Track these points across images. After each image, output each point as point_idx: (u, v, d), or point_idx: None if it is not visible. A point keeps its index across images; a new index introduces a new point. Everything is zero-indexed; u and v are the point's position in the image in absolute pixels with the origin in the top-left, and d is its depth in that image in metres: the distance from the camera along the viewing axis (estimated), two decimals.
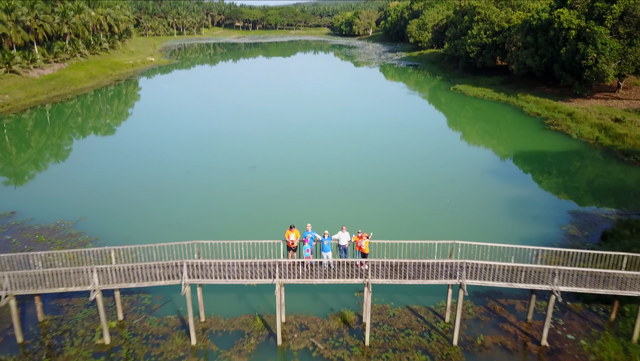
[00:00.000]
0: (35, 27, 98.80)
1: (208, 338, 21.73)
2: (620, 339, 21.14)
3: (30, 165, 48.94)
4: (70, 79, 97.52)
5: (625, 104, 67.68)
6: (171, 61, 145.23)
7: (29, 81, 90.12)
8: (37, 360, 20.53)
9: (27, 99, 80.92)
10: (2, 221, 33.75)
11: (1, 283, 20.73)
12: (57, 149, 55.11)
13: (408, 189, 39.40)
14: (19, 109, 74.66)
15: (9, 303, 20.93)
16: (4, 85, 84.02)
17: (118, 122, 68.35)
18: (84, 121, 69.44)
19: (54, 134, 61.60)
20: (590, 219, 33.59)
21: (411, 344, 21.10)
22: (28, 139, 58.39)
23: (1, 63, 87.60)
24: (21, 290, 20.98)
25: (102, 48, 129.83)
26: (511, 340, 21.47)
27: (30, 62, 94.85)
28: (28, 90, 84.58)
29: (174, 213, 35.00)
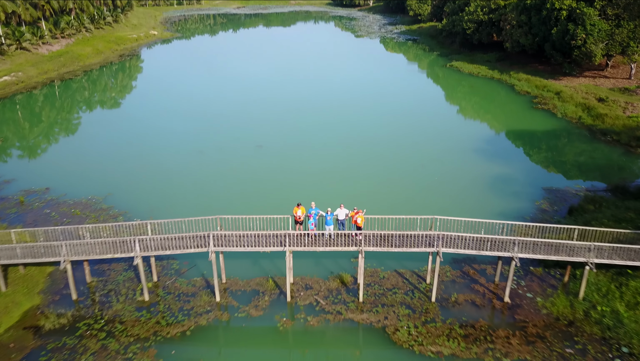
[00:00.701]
0: (42, 4, 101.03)
1: (229, 296, 26.28)
2: (569, 297, 25.66)
3: (58, 143, 52.83)
4: (78, 55, 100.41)
5: (612, 83, 71.06)
6: (174, 35, 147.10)
7: (39, 57, 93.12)
8: (90, 313, 25.11)
9: (39, 76, 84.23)
10: (39, 197, 38.04)
11: (60, 251, 25.12)
12: (79, 127, 58.82)
13: (401, 167, 43.51)
14: (32, 86, 78.13)
15: (66, 267, 25.35)
16: (16, 62, 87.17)
17: (129, 100, 71.81)
18: (94, 96, 72.94)
19: (70, 110, 65.31)
20: (562, 195, 37.86)
21: (397, 300, 25.67)
22: (50, 117, 62.17)
23: (12, 40, 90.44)
24: (75, 257, 25.39)
25: (106, 22, 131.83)
26: (480, 298, 26.03)
27: (39, 38, 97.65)
28: (39, 67, 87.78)
29: (191, 189, 39.22)
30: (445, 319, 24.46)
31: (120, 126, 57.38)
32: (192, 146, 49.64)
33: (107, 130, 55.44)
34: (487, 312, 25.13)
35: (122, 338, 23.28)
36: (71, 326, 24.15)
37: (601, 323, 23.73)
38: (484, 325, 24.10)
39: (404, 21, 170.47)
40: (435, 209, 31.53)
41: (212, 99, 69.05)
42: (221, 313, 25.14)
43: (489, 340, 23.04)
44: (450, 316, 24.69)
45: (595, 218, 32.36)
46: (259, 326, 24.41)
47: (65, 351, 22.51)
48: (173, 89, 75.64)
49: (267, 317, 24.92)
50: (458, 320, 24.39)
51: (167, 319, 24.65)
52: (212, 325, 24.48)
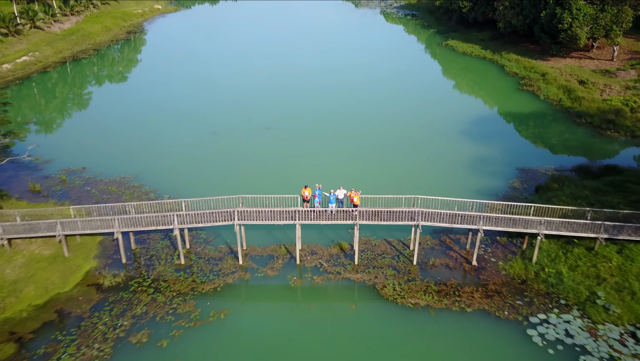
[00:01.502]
0: None
1: (250, 260, 32.38)
2: (524, 261, 31.72)
3: (86, 123, 57.62)
4: (89, 32, 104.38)
5: (595, 64, 75.75)
6: (177, 9, 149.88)
7: (52, 36, 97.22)
8: (138, 274, 31.21)
9: (55, 55, 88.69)
10: (78, 175, 43.78)
11: (113, 224, 31.05)
12: (100, 107, 63.83)
13: (395, 148, 49.00)
14: (49, 66, 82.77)
15: (117, 237, 31.33)
16: (32, 41, 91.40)
17: (143, 80, 76.47)
18: (110, 76, 77.74)
19: (90, 90, 70.31)
20: (532, 175, 43.58)
21: (385, 263, 31.78)
22: (73, 96, 67.33)
23: (26, 19, 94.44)
24: (125, 228, 31.35)
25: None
26: (453, 262, 32.13)
27: (51, 16, 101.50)
28: (54, 46, 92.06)
29: (209, 167, 44.92)
30: (424, 278, 30.59)
31: (139, 106, 62.48)
32: (206, 127, 55.00)
33: (127, 111, 60.61)
34: (457, 273, 31.23)
35: (167, 293, 29.44)
36: (125, 284, 30.30)
37: (547, 281, 29.86)
38: (454, 283, 30.24)
39: None
40: (421, 187, 37.33)
41: (219, 72, 73.79)
42: (243, 273, 31.26)
43: (457, 295, 29.20)
44: (428, 276, 30.81)
45: (556, 195, 38.20)
46: (274, 284, 30.56)
47: (124, 303, 28.69)
48: (182, 66, 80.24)
49: (280, 277, 31.06)
50: (434, 279, 30.52)
51: (200, 278, 30.79)
52: (236, 283, 30.63)
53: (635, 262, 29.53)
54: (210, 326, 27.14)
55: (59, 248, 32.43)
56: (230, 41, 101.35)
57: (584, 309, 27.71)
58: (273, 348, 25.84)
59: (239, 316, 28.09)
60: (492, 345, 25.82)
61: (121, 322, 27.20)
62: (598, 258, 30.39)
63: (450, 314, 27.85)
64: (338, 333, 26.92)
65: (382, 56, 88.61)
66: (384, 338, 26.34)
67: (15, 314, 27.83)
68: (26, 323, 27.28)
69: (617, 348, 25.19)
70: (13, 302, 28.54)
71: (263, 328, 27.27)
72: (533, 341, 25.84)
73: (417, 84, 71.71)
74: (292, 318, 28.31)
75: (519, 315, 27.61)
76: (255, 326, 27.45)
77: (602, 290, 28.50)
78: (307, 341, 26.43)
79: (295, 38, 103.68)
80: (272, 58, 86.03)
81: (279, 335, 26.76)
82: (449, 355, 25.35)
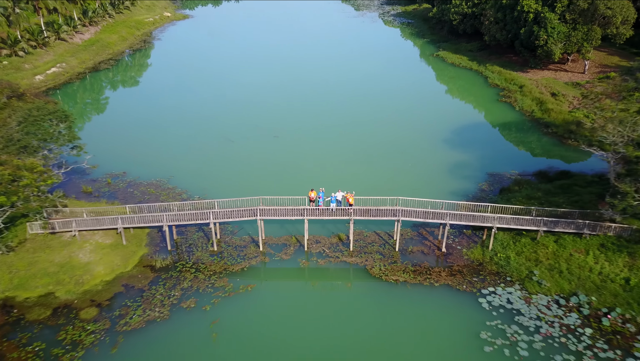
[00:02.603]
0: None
1: (268, 247, 41.22)
2: (483, 248, 40.54)
3: (120, 132, 66.04)
4: (107, 43, 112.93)
5: (569, 76, 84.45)
6: (186, 16, 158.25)
7: (74, 47, 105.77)
8: (181, 258, 40.04)
9: (79, 66, 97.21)
10: (121, 179, 52.51)
11: (162, 219, 39.87)
12: (130, 120, 72.45)
13: (385, 154, 57.58)
14: (75, 77, 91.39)
15: (165, 229, 40.15)
16: (57, 52, 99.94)
17: (163, 88, 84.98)
18: (134, 86, 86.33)
19: (117, 99, 78.93)
20: (499, 178, 52.33)
21: (374, 250, 40.63)
22: (97, 108, 75.97)
23: (52, 32, 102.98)
24: (171, 223, 40.16)
25: (124, 6, 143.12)
26: (426, 249, 40.99)
27: (72, 28, 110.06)
28: (77, 57, 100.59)
29: (229, 171, 53.59)
30: (403, 261, 39.44)
31: (160, 114, 70.94)
32: (223, 134, 63.64)
33: (149, 118, 69.17)
34: (430, 257, 40.07)
35: (205, 272, 38.29)
36: (172, 266, 39.15)
37: (498, 263, 38.72)
38: (427, 265, 39.10)
39: (400, 1, 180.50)
40: (407, 188, 46.09)
41: (229, 82, 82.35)
42: (263, 257, 40.12)
43: (428, 273, 38.05)
44: (407, 259, 39.67)
45: (515, 196, 46.98)
46: (287, 266, 39.41)
47: (173, 279, 37.55)
48: (194, 76, 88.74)
49: (292, 260, 39.93)
50: (411, 262, 39.39)
51: (230, 261, 39.65)
52: (258, 265, 39.49)
53: (566, 249, 38.40)
54: (240, 296, 36.02)
55: (117, 238, 41.26)
56: (237, 49, 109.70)
57: (523, 283, 36.59)
58: (287, 313, 34.69)
59: (261, 289, 36.96)
60: (452, 309, 34.67)
61: (173, 293, 36.07)
62: (538, 246, 39.24)
63: (422, 287, 36.71)
64: (336, 302, 35.78)
65: (380, 61, 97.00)
66: (372, 305, 35.21)
67: (92, 287, 36.70)
68: (101, 293, 36.16)
69: (544, 311, 34.05)
70: (89, 279, 37.41)
71: (279, 299, 36.12)
72: (482, 306, 34.71)
73: (409, 93, 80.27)
74: (301, 291, 37.16)
75: (474, 288, 36.49)
76: (273, 296, 36.30)
77: (538, 270, 37.37)
78: (312, 308, 35.27)
79: (298, 44, 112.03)
80: (275, 67, 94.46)
81: (291, 304, 35.62)
82: (421, 316, 34.19)
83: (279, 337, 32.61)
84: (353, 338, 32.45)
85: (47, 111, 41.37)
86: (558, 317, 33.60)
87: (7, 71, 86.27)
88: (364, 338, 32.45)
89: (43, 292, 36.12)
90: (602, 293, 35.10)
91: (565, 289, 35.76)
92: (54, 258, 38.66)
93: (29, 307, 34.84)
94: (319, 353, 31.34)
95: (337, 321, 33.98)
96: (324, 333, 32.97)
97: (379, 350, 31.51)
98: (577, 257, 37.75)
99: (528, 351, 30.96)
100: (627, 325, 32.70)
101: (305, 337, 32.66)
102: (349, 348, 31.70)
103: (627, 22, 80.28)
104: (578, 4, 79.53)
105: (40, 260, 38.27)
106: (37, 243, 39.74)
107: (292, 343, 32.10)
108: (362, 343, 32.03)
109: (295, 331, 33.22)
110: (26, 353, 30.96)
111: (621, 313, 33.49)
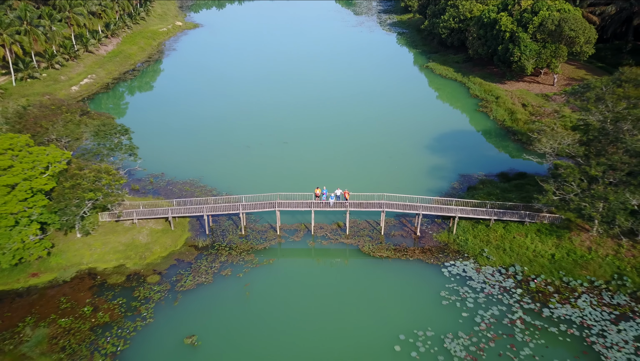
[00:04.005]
0: (99, 12, 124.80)
1: (283, 232, 53.45)
2: (449, 233, 52.71)
3: (156, 137, 78.24)
4: (128, 54, 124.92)
5: (540, 88, 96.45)
6: (196, 25, 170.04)
7: (100, 58, 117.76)
8: (217, 240, 52.20)
9: (107, 77, 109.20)
10: (161, 178, 64.60)
11: (203, 210, 52.04)
12: (167, 131, 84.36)
13: (377, 158, 69.63)
14: (105, 87, 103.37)
15: (204, 218, 52.31)
16: (87, 64, 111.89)
17: (183, 97, 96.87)
18: (156, 93, 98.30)
19: (147, 108, 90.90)
20: (468, 179, 64.43)
21: (365, 234, 52.89)
22: (138, 113, 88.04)
23: (81, 45, 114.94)
24: (209, 213, 52.35)
25: (140, 17, 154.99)
26: (405, 233, 53.22)
27: (98, 41, 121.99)
28: (104, 68, 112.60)
29: (249, 172, 65.62)
30: (387, 242, 51.67)
31: (189, 123, 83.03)
32: (240, 140, 75.63)
33: (182, 128, 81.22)
34: (408, 240, 52.27)
35: (236, 250, 50.49)
36: (210, 245, 51.33)
37: (459, 244, 50.92)
38: (404, 245, 51.31)
39: (397, 9, 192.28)
40: (391, 186, 58.10)
41: (241, 91, 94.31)
42: (280, 239, 52.35)
43: (405, 251, 50.26)
44: (389, 241, 51.90)
45: (478, 193, 59.09)
46: (298, 247, 51.61)
47: (213, 255, 49.73)
48: (212, 85, 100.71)
49: (302, 242, 52.15)
50: (393, 243, 51.60)
51: (255, 242, 51.85)
52: (275, 245, 51.70)
53: (511, 233, 50.59)
54: (264, 267, 48.24)
55: (166, 225, 53.43)
56: (246, 60, 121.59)
57: (476, 258, 48.81)
58: (298, 280, 46.85)
59: (279, 263, 49.18)
60: (421, 276, 46.82)
61: (214, 265, 48.27)
62: (490, 231, 51.44)
63: (400, 261, 48.93)
64: (336, 273, 47.98)
65: (376, 73, 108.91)
66: (362, 275, 47.41)
67: (152, 261, 48.91)
68: (160, 265, 48.37)
69: (488, 277, 46.25)
70: (149, 255, 49.59)
71: (292, 270, 48.31)
72: (444, 274, 46.91)
73: (400, 104, 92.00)
74: (308, 265, 49.36)
75: (439, 261, 48.71)
76: (288, 268, 48.50)
77: (488, 248, 49.57)
78: (317, 277, 47.42)
79: (301, 55, 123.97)
80: (280, 82, 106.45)
81: (302, 273, 47.80)
82: (399, 281, 46.32)
83: (293, 296, 44.82)
84: (347, 297, 44.66)
85: (111, 126, 53.25)
86: (498, 282, 45.81)
87: (47, 83, 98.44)
88: (355, 297, 44.67)
89: (116, 264, 48.35)
90: (533, 264, 47.33)
91: (506, 262, 47.98)
92: (120, 239, 50.84)
93: (108, 274, 47.08)
94: (322, 307, 43.50)
95: (336, 286, 46.17)
96: (326, 293, 45.15)
97: (367, 304, 43.70)
98: (518, 239, 49.98)
99: (473, 304, 43.19)
100: (548, 287, 44.94)
101: (312, 297, 44.83)
102: (344, 303, 43.88)
103: (589, 42, 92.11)
104: (547, 26, 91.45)
105: (110, 241, 50.45)
106: (106, 228, 51.91)
107: (303, 301, 44.29)
108: (354, 300, 44.23)
109: (304, 292, 45.39)
110: (113, 305, 43.17)
111: (545, 279, 45.74)
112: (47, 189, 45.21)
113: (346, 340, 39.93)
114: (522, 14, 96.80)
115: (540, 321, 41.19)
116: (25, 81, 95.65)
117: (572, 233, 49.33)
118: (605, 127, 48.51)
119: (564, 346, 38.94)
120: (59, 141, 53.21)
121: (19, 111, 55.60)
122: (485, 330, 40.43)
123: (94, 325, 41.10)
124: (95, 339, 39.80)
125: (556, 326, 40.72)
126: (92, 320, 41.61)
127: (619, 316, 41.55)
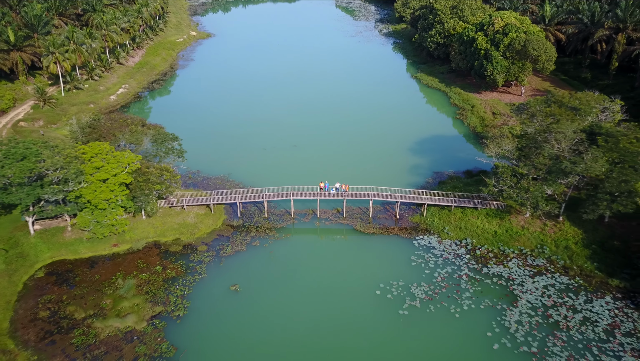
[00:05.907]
0: (128, 28, 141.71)
1: (297, 215, 70.83)
2: (421, 216, 69.97)
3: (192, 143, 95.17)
4: (153, 65, 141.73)
5: (510, 98, 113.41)
6: (209, 34, 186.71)
7: (130, 69, 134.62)
8: (246, 222, 69.52)
9: (138, 86, 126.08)
10: (197, 175, 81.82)
11: (236, 198, 69.33)
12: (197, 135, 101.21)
13: (369, 159, 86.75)
14: (137, 96, 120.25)
15: (237, 204, 69.62)
16: (119, 75, 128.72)
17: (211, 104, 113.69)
18: (189, 100, 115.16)
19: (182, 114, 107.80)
20: (440, 175, 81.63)
21: (357, 217, 70.33)
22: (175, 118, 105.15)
23: (113, 58, 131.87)
24: (240, 200, 69.67)
25: (159, 29, 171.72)
26: (387, 216, 70.57)
27: (127, 53, 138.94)
28: (135, 78, 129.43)
29: (267, 169, 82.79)
30: (374, 223, 69.00)
31: (207, 126, 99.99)
32: (258, 143, 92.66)
33: (209, 131, 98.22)
34: (389, 221, 69.57)
35: (262, 228, 67.84)
36: (242, 226, 68.66)
37: (427, 224, 68.26)
38: (387, 225, 68.62)
39: (392, 19, 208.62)
40: (378, 180, 75.19)
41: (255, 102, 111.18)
42: (293, 221, 69.72)
43: (387, 229, 67.58)
44: (376, 222, 69.24)
45: (446, 186, 76.33)
46: (307, 227, 68.97)
47: (244, 232, 67.09)
48: (231, 94, 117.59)
49: (310, 223, 69.55)
50: (378, 224, 68.94)
51: (275, 223, 69.21)
52: (290, 225, 69.04)
53: (466, 215, 67.87)
54: (282, 240, 65.63)
55: (207, 210, 70.72)
56: (256, 71, 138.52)
57: (439, 234, 66.12)
58: (308, 251, 64.10)
59: (293, 238, 66.54)
60: (398, 246, 64.13)
61: (245, 238, 65.60)
62: (451, 214, 68.73)
63: (383, 237, 66.28)
64: (335, 246, 65.30)
65: (370, 82, 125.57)
66: (356, 246, 64.72)
67: (200, 235, 66.22)
68: (206, 238, 65.69)
69: (447, 247, 63.57)
70: (196, 231, 66.90)
71: (304, 244, 65.62)
72: (414, 245, 64.26)
73: (390, 111, 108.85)
74: (315, 240, 66.69)
75: (412, 236, 66.05)
76: (300, 243, 65.82)
77: (448, 227, 66.85)
78: (322, 249, 64.72)
79: (303, 65, 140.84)
80: (288, 93, 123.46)
81: (310, 246, 65.10)
82: (381, 250, 63.57)
83: (304, 260, 62.13)
84: (343, 261, 61.99)
85: (165, 135, 70.47)
86: (454, 250, 63.12)
87: (89, 93, 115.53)
88: (349, 260, 61.99)
89: (174, 238, 65.66)
90: (480, 238, 64.64)
91: (461, 237, 65.30)
92: (174, 220, 68.11)
93: (169, 245, 64.39)
94: (325, 267, 60.83)
95: (335, 254, 63.51)
96: (328, 258, 62.49)
97: (357, 264, 61.02)
98: (472, 220, 67.26)
99: (433, 265, 60.52)
100: (489, 254, 62.27)
101: (318, 261, 62.11)
102: (341, 264, 61.22)
103: (550, 60, 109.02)
104: (514, 46, 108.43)
105: (167, 221, 67.73)
106: (163, 212, 69.16)
107: (311, 262, 61.61)
108: (348, 263, 61.55)
109: (312, 258, 62.72)
110: (176, 265, 60.49)
111: (487, 248, 63.08)
112: (127, 182, 62.42)
113: (342, 286, 57.34)
114: (495, 35, 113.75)
115: (480, 276, 58.58)
116: (72, 91, 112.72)
117: (512, 216, 66.63)
118: (535, 137, 65.65)
119: (494, 291, 56.33)
120: (126, 146, 70.45)
121: (92, 124, 72.71)
122: (440, 281, 57.87)
123: (165, 278, 58.45)
124: (167, 287, 57.15)
125: (490, 279, 58.10)
126: (163, 275, 58.95)
127: (535, 273, 58.89)
